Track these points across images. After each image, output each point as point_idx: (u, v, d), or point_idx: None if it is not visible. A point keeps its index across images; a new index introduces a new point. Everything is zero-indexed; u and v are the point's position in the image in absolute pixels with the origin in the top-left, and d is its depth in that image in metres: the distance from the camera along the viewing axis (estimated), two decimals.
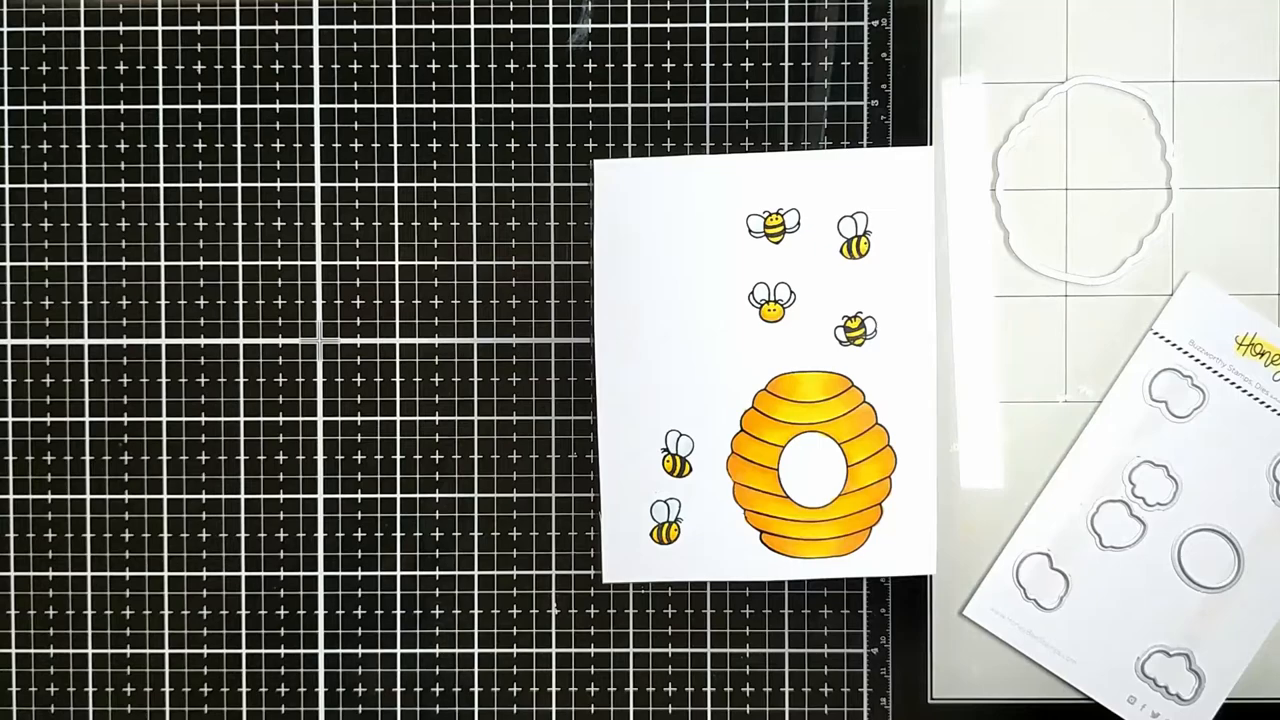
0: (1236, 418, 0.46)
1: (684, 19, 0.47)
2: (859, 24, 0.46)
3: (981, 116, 0.47)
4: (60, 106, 0.47)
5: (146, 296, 0.47)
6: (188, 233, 0.47)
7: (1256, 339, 0.46)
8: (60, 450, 0.47)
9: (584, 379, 0.47)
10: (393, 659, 0.47)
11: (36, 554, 0.47)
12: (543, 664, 0.47)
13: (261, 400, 0.47)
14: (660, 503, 0.47)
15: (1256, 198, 0.46)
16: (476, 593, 0.47)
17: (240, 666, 0.47)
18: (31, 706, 0.47)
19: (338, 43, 0.47)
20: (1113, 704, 0.46)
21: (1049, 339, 0.47)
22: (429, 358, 0.47)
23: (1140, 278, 0.47)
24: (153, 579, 0.47)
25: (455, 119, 0.47)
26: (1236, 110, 0.46)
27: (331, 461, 0.47)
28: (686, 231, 0.46)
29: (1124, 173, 0.46)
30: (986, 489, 0.46)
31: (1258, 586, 0.46)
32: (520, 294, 0.47)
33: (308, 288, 0.47)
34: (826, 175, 0.46)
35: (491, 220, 0.47)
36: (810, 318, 0.46)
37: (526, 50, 0.47)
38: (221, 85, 0.47)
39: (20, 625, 0.47)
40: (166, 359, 0.47)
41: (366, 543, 0.47)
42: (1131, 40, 0.46)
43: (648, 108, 0.47)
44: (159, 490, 0.47)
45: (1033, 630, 0.46)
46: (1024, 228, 0.47)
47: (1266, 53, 0.46)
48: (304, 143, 0.47)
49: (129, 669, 0.47)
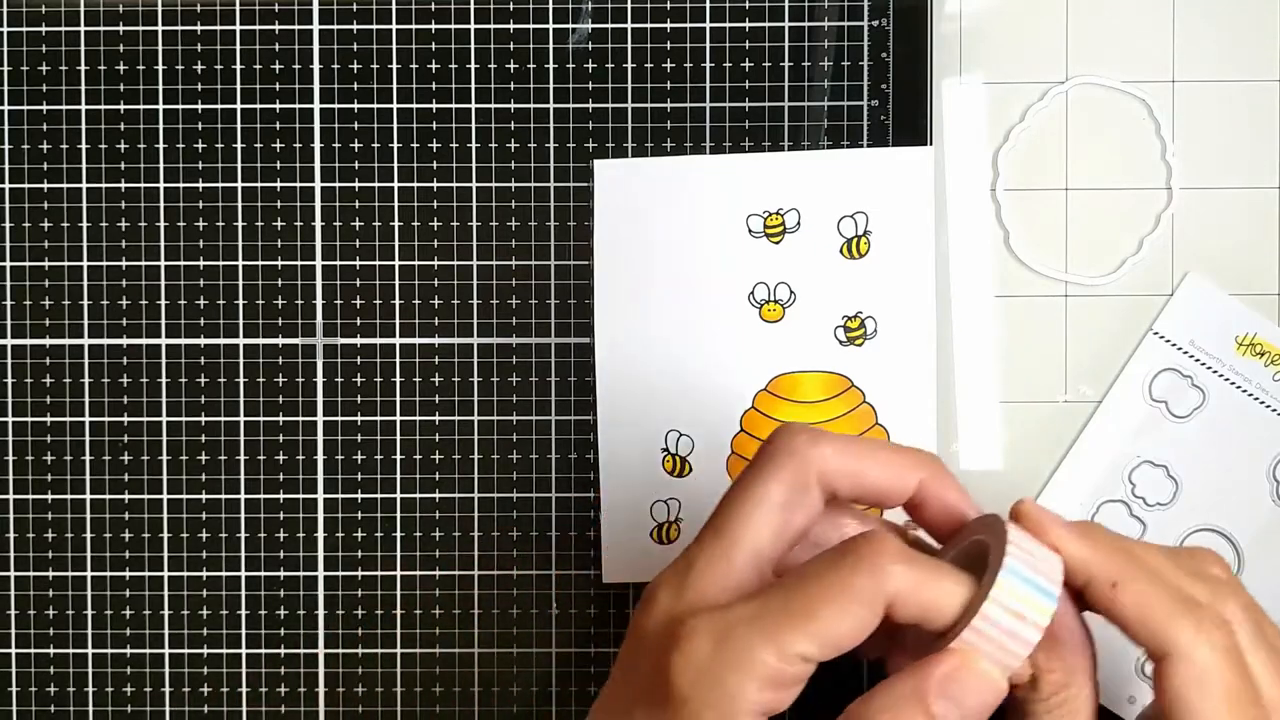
0: (1236, 418, 0.46)
1: (684, 19, 0.47)
2: (859, 24, 0.46)
3: (981, 116, 0.47)
4: (60, 106, 0.47)
5: (146, 296, 0.47)
6: (188, 233, 0.47)
7: (1256, 339, 0.46)
8: (60, 450, 0.47)
9: (584, 379, 0.47)
10: (393, 659, 0.47)
11: (36, 554, 0.47)
12: (542, 664, 0.47)
13: (261, 400, 0.47)
14: (660, 503, 0.47)
15: (1256, 198, 0.46)
16: (476, 593, 0.47)
17: (240, 666, 0.47)
18: (31, 706, 0.47)
19: (338, 43, 0.47)
20: (1113, 704, 0.46)
21: (1049, 339, 0.47)
22: (429, 358, 0.47)
23: (1140, 278, 0.47)
24: (153, 579, 0.47)
25: (455, 119, 0.47)
26: (1236, 110, 0.46)
27: (331, 461, 0.47)
28: (686, 231, 0.46)
29: (1124, 173, 0.46)
30: (986, 489, 0.46)
31: (1258, 586, 0.46)
32: (520, 294, 0.47)
33: (308, 288, 0.47)
34: (826, 175, 0.46)
35: (491, 220, 0.47)
36: (810, 318, 0.46)
37: (526, 50, 0.47)
38: (221, 85, 0.47)
39: (20, 625, 0.47)
40: (166, 359, 0.47)
41: (366, 543, 0.47)
42: (1131, 40, 0.46)
43: (648, 108, 0.47)
44: (159, 490, 0.47)
45: None
46: (1024, 228, 0.47)
47: (1266, 53, 0.46)
48: (304, 143, 0.47)
49: (129, 669, 0.47)
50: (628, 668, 0.35)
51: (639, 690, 0.34)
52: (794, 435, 0.34)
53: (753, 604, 0.32)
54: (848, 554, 0.32)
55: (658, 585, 0.35)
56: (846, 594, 0.31)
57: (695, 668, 0.32)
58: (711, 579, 0.34)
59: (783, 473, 0.34)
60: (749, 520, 0.34)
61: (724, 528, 0.34)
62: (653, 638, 0.34)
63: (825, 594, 0.32)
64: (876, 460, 0.35)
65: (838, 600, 0.31)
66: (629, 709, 0.34)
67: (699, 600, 0.33)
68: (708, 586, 0.33)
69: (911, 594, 0.32)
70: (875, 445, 0.35)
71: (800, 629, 0.31)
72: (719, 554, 0.34)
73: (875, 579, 0.31)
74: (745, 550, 0.34)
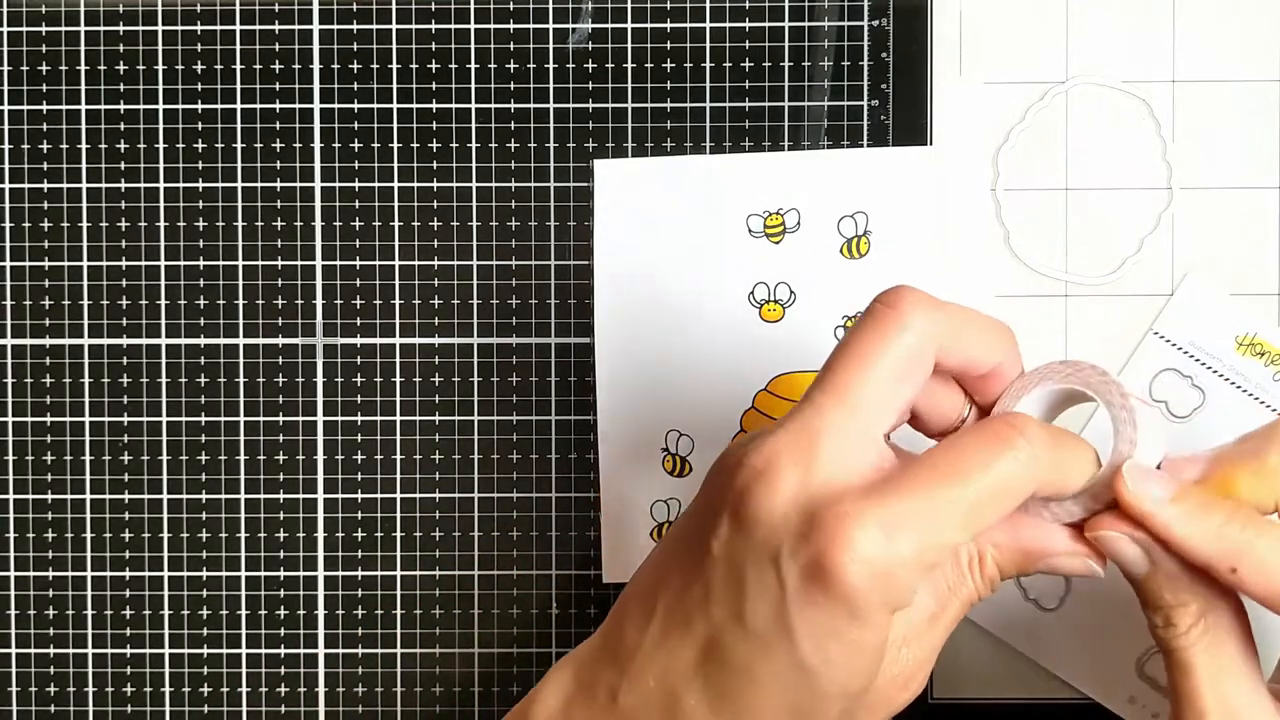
0: (1236, 418, 0.46)
1: (684, 19, 0.47)
2: (859, 24, 0.46)
3: (981, 116, 0.47)
4: (60, 106, 0.47)
5: (146, 296, 0.47)
6: (188, 233, 0.47)
7: (1256, 339, 0.46)
8: (60, 450, 0.47)
9: (584, 379, 0.47)
10: (393, 659, 0.47)
11: (36, 554, 0.47)
12: (543, 664, 0.47)
13: (261, 400, 0.47)
14: (660, 503, 0.47)
15: (1256, 198, 0.46)
16: (476, 593, 0.47)
17: (240, 666, 0.47)
18: (31, 706, 0.47)
19: (338, 43, 0.47)
20: (1113, 704, 0.46)
21: (1049, 339, 0.47)
22: (429, 358, 0.47)
23: (1140, 278, 0.47)
24: (153, 579, 0.47)
25: (455, 119, 0.47)
26: (1236, 110, 0.46)
27: (331, 461, 0.47)
28: (686, 231, 0.46)
29: (1124, 173, 0.46)
30: None
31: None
32: (520, 294, 0.47)
33: (308, 288, 0.47)
34: (826, 175, 0.46)
35: (491, 220, 0.47)
36: (810, 318, 0.46)
37: (526, 50, 0.47)
38: (221, 85, 0.47)
39: (20, 625, 0.47)
40: (166, 359, 0.47)
41: (366, 543, 0.47)
42: (1131, 40, 0.46)
43: (648, 108, 0.47)
44: (159, 490, 0.47)
45: (1033, 630, 0.46)
46: (1024, 228, 0.47)
47: (1266, 53, 0.46)
48: (304, 143, 0.47)
49: (129, 669, 0.47)
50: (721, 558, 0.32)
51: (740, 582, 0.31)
52: (918, 302, 0.32)
53: (914, 493, 0.30)
54: (998, 439, 0.31)
55: (777, 457, 0.31)
56: (1002, 481, 0.31)
57: (870, 566, 0.30)
58: (844, 457, 0.31)
59: (907, 337, 0.32)
60: (873, 389, 0.31)
61: (847, 395, 0.31)
62: (787, 521, 0.31)
63: (983, 483, 0.31)
64: (979, 331, 0.33)
65: (992, 488, 0.31)
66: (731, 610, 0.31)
67: (840, 483, 0.31)
68: (843, 466, 0.31)
69: (1054, 470, 0.32)
70: (973, 316, 0.33)
71: (960, 524, 0.31)
72: (848, 427, 0.31)
73: (1027, 465, 0.31)
74: (872, 423, 0.32)
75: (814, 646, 0.30)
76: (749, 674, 0.31)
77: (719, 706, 0.32)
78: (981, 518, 0.31)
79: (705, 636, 0.32)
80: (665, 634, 0.33)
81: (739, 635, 0.31)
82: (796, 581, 0.30)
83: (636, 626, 0.33)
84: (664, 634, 0.33)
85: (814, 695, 0.31)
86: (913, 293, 0.32)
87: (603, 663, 0.34)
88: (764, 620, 0.31)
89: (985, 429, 0.32)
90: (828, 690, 0.31)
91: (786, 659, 0.31)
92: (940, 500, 0.30)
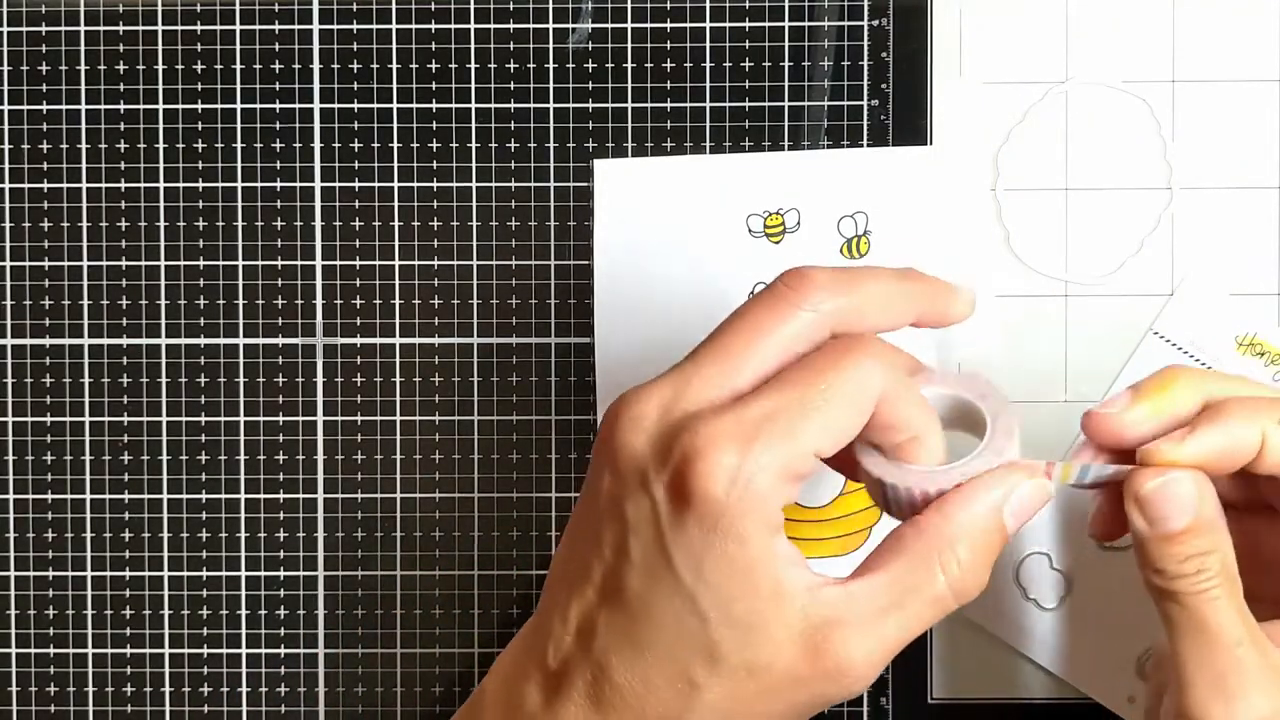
0: None
1: (684, 19, 0.47)
2: (859, 24, 0.46)
3: (981, 116, 0.47)
4: (60, 106, 0.47)
5: (146, 296, 0.47)
6: (188, 233, 0.47)
7: (1256, 339, 0.46)
8: (60, 450, 0.47)
9: (584, 379, 0.47)
10: (393, 659, 0.47)
11: (36, 554, 0.47)
12: None
13: (261, 400, 0.47)
14: None
15: (1256, 198, 0.46)
16: (477, 593, 0.47)
17: (240, 666, 0.47)
18: (31, 706, 0.47)
19: (338, 43, 0.47)
20: (1113, 704, 0.46)
21: (1049, 339, 0.47)
22: (429, 358, 0.47)
23: (1140, 278, 0.47)
24: (153, 579, 0.47)
25: (455, 119, 0.47)
26: (1236, 110, 0.46)
27: (331, 461, 0.47)
28: (686, 231, 0.46)
29: (1124, 173, 0.46)
30: None
31: None
32: (520, 294, 0.47)
33: (308, 288, 0.47)
34: (826, 175, 0.46)
35: (491, 220, 0.47)
36: None
37: (526, 50, 0.47)
38: (221, 85, 0.47)
39: (20, 625, 0.47)
40: (166, 359, 0.47)
41: (366, 543, 0.47)
42: (1131, 40, 0.46)
43: (648, 108, 0.47)
44: (159, 490, 0.47)
45: (1033, 630, 0.46)
46: (1024, 228, 0.47)
47: (1266, 53, 0.46)
48: (304, 143, 0.47)
49: (129, 669, 0.47)
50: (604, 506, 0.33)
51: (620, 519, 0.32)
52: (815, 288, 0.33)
53: (762, 402, 0.31)
54: (844, 347, 0.32)
55: (648, 399, 0.32)
56: (850, 379, 0.32)
57: (727, 473, 0.30)
58: (707, 394, 0.32)
59: (797, 323, 0.33)
60: (755, 354, 0.33)
61: (727, 354, 0.33)
62: (651, 448, 0.32)
63: (832, 381, 0.31)
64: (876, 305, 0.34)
65: (841, 387, 0.31)
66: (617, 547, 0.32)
67: (703, 409, 0.32)
68: (704, 400, 0.32)
69: (896, 395, 0.32)
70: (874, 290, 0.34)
71: (817, 428, 0.31)
72: (720, 377, 0.32)
73: (876, 363, 0.32)
74: (744, 381, 0.32)
75: (691, 566, 0.31)
76: (645, 609, 0.32)
77: (623, 648, 0.32)
78: (837, 421, 0.32)
79: (601, 578, 0.33)
80: (572, 588, 0.33)
81: (627, 570, 0.32)
82: (665, 504, 0.31)
83: (552, 592, 0.35)
84: (571, 588, 0.34)
85: (702, 623, 0.31)
86: (814, 284, 0.33)
87: (534, 635, 0.35)
88: (644, 548, 0.32)
89: (833, 343, 0.33)
90: (710, 615, 0.31)
91: (672, 585, 0.31)
92: (792, 405, 0.31)
